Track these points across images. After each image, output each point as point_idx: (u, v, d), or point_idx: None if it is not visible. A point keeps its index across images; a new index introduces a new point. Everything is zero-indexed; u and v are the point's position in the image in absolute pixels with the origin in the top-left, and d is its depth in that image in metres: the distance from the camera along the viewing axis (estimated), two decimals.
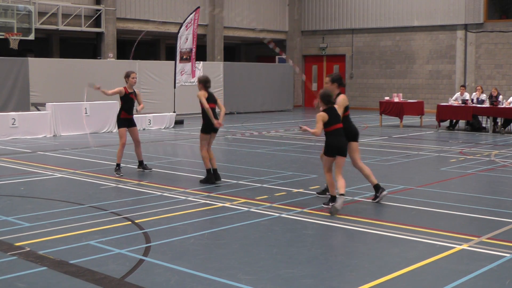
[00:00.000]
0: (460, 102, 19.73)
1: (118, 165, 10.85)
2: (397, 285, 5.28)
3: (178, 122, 20.99)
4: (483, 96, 19.78)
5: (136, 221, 7.43)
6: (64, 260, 5.84)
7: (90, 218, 7.54)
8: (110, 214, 7.83)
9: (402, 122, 20.80)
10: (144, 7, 26.36)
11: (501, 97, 19.32)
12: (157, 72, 23.71)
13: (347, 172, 9.26)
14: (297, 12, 32.85)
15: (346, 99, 8.51)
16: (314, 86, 32.69)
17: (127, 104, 10.98)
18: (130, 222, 7.38)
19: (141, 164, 11.21)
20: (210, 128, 9.98)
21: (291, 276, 5.47)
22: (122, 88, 10.96)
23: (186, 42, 21.08)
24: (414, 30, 29.33)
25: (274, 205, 8.36)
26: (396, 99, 21.10)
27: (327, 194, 8.56)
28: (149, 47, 33.74)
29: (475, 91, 20.35)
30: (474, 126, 19.48)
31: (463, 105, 19.37)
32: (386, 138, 17.44)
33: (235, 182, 10.11)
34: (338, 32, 31.85)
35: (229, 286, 5.21)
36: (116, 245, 6.38)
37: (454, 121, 19.98)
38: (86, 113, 18.13)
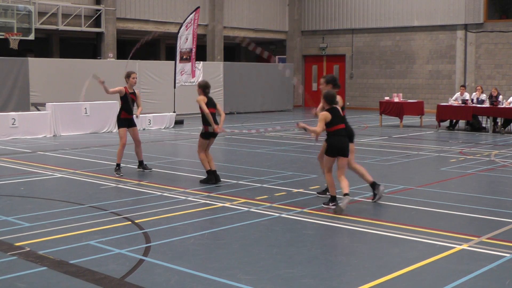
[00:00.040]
0: (460, 102, 19.73)
1: (118, 165, 10.86)
2: (397, 285, 5.28)
3: (178, 122, 21.00)
4: (483, 96, 19.78)
5: (136, 221, 7.43)
6: (64, 260, 5.84)
7: (90, 218, 7.54)
8: (110, 214, 7.83)
9: (402, 122, 20.80)
10: (144, 7, 26.36)
11: (501, 97, 19.32)
12: (157, 72, 23.71)
13: (346, 172, 9.23)
14: (297, 12, 32.85)
15: (341, 100, 8.52)
16: (314, 86, 32.68)
17: (127, 104, 10.99)
18: (130, 222, 7.38)
19: (141, 164, 11.21)
20: (210, 133, 9.99)
21: (291, 276, 5.47)
22: (122, 87, 10.97)
23: (186, 42, 21.09)
24: (414, 30, 29.33)
25: (274, 205, 8.36)
26: (396, 99, 21.09)
27: (327, 194, 8.57)
28: (149, 47, 33.75)
29: (475, 91, 20.34)
30: (474, 126, 19.48)
31: (463, 105, 19.37)
32: (386, 138, 17.44)
33: (235, 182, 10.11)
34: (338, 32, 31.85)
35: (229, 286, 5.21)
36: (116, 245, 6.38)
37: (454, 121, 19.98)
38: (86, 113, 18.14)
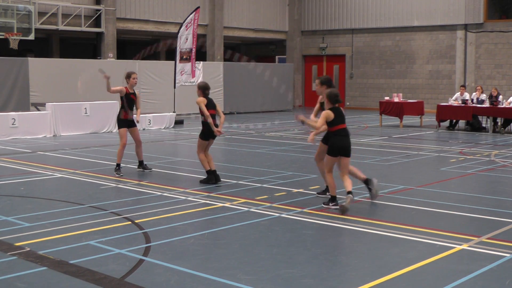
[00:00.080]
0: (460, 102, 19.73)
1: (118, 165, 10.86)
2: (397, 285, 5.28)
3: (178, 122, 21.00)
4: (483, 96, 19.78)
5: (136, 221, 7.43)
6: (64, 260, 5.84)
7: (90, 218, 7.54)
8: (110, 214, 7.83)
9: (402, 122, 20.80)
10: (144, 7, 26.36)
11: (501, 97, 19.32)
12: (157, 72, 23.70)
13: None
14: (297, 12, 32.85)
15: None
16: (314, 86, 32.65)
17: (128, 104, 10.99)
18: (130, 222, 7.38)
19: (141, 164, 11.21)
20: (209, 135, 9.99)
21: (291, 276, 5.47)
22: (123, 87, 10.98)
23: (186, 42, 21.09)
24: (414, 30, 29.32)
25: (274, 205, 8.36)
26: (396, 99, 21.09)
27: (327, 194, 8.57)
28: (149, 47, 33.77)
29: (475, 91, 20.34)
30: (474, 126, 19.48)
31: (463, 105, 19.37)
32: (386, 138, 17.44)
33: (235, 182, 10.11)
34: (338, 32, 31.84)
35: (229, 286, 5.21)
36: (116, 245, 6.38)
37: (454, 121, 19.98)
38: (86, 113, 18.14)
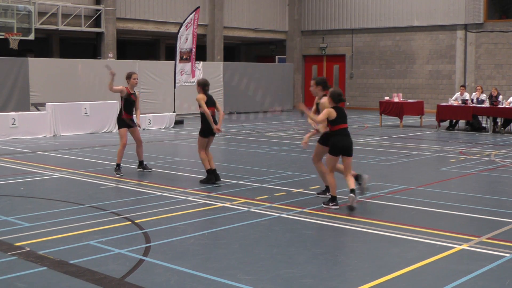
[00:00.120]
0: (460, 102, 19.73)
1: (118, 165, 10.86)
2: (397, 285, 5.28)
3: (178, 122, 21.00)
4: (483, 96, 19.78)
5: (136, 221, 7.43)
6: (64, 260, 5.84)
7: (90, 218, 7.54)
8: (110, 214, 7.83)
9: (402, 122, 20.80)
10: (144, 7, 26.36)
11: (501, 97, 19.32)
12: (157, 72, 23.70)
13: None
14: (297, 12, 32.84)
15: (330, 101, 8.47)
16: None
17: (128, 104, 11.00)
18: (130, 222, 7.38)
19: (141, 164, 11.21)
20: (209, 132, 9.99)
21: (291, 276, 5.47)
22: (124, 87, 10.97)
23: (186, 42, 21.08)
24: (414, 30, 29.32)
25: (274, 205, 8.36)
26: (396, 99, 21.09)
27: (327, 194, 8.57)
28: (149, 47, 33.77)
29: (475, 91, 20.34)
30: (474, 126, 19.48)
31: (463, 105, 19.37)
32: (386, 138, 17.44)
33: (235, 182, 10.11)
34: (338, 32, 31.83)
35: (229, 286, 5.21)
36: (116, 245, 6.38)
37: (454, 121, 19.98)
38: (86, 113, 18.14)
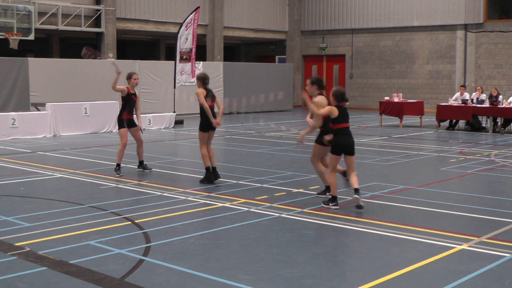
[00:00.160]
0: (460, 102, 19.73)
1: (118, 165, 10.86)
2: (397, 285, 5.28)
3: (178, 122, 21.00)
4: (483, 96, 19.78)
5: (136, 221, 7.43)
6: (64, 260, 5.84)
7: (90, 218, 7.54)
8: (110, 214, 7.83)
9: (402, 122, 20.80)
10: (144, 7, 26.36)
11: (501, 97, 19.32)
12: (157, 72, 23.71)
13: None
14: (297, 12, 32.85)
15: (324, 100, 8.47)
16: None
17: (128, 104, 11.00)
18: (130, 222, 7.38)
19: (141, 164, 11.21)
20: (208, 126, 9.99)
21: (291, 276, 5.47)
22: (125, 87, 10.98)
23: (186, 42, 21.08)
24: (414, 30, 29.33)
25: (274, 205, 8.36)
26: (396, 99, 21.09)
27: (327, 194, 8.57)
28: (149, 47, 33.77)
29: (475, 91, 20.34)
30: (474, 126, 19.48)
31: (463, 105, 19.37)
32: (386, 138, 17.44)
33: (235, 182, 10.11)
34: (338, 32, 31.84)
35: (229, 286, 5.21)
36: (116, 245, 6.38)
37: (454, 121, 19.98)
38: (86, 113, 18.15)
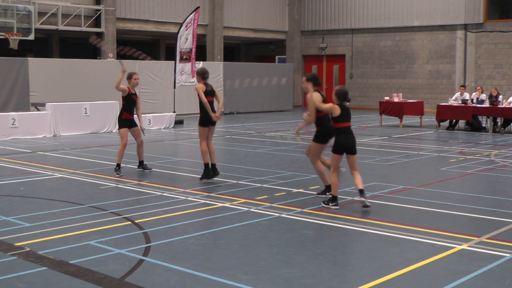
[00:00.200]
0: (460, 102, 19.73)
1: (118, 165, 10.86)
2: (397, 285, 5.28)
3: (178, 122, 21.00)
4: (483, 96, 19.78)
5: (136, 221, 7.43)
6: (64, 260, 5.84)
7: (90, 218, 7.54)
8: (110, 214, 7.83)
9: (402, 122, 20.80)
10: (144, 7, 26.36)
11: (501, 97, 19.32)
12: (157, 72, 23.70)
13: (347, 172, 9.23)
14: (297, 12, 32.85)
15: (319, 97, 8.46)
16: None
17: (129, 104, 11.00)
18: (130, 222, 7.38)
19: (141, 164, 11.21)
20: (207, 121, 10.00)
21: (291, 276, 5.47)
22: (126, 87, 10.99)
23: (186, 42, 21.08)
24: (414, 30, 29.32)
25: (274, 205, 8.36)
26: (396, 99, 21.09)
27: (327, 194, 8.57)
28: (149, 47, 33.75)
29: (475, 91, 20.34)
30: (474, 126, 19.48)
31: (463, 105, 19.37)
32: (386, 138, 17.44)
33: (235, 182, 10.11)
34: (338, 32, 31.84)
35: (229, 286, 5.21)
36: (116, 245, 6.38)
37: (454, 121, 19.98)
38: (86, 113, 18.16)
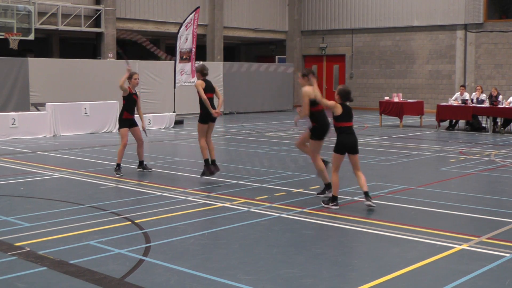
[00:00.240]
0: (460, 102, 19.73)
1: (118, 165, 10.86)
2: (397, 285, 5.28)
3: (178, 122, 21.00)
4: (483, 96, 19.78)
5: (136, 221, 7.43)
6: (64, 260, 5.84)
7: (90, 218, 7.54)
8: (110, 214, 7.83)
9: (402, 122, 20.80)
10: (144, 7, 26.35)
11: (501, 97, 19.32)
12: (157, 72, 23.70)
13: (347, 172, 9.24)
14: (297, 12, 32.84)
15: (310, 90, 8.45)
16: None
17: (130, 104, 11.00)
18: (130, 222, 7.38)
19: (141, 164, 11.21)
20: (207, 118, 10.01)
21: (291, 276, 5.47)
22: (127, 87, 10.98)
23: (186, 42, 21.08)
24: (414, 30, 29.32)
25: (274, 205, 8.36)
26: (396, 99, 21.09)
27: (327, 193, 8.57)
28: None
29: (475, 91, 20.34)
30: (474, 126, 19.48)
31: (463, 105, 19.37)
32: (386, 138, 17.44)
33: (235, 182, 10.11)
34: (338, 32, 31.84)
35: (229, 286, 5.21)
36: (116, 245, 6.38)
37: (454, 121, 19.98)
38: (86, 113, 18.16)
